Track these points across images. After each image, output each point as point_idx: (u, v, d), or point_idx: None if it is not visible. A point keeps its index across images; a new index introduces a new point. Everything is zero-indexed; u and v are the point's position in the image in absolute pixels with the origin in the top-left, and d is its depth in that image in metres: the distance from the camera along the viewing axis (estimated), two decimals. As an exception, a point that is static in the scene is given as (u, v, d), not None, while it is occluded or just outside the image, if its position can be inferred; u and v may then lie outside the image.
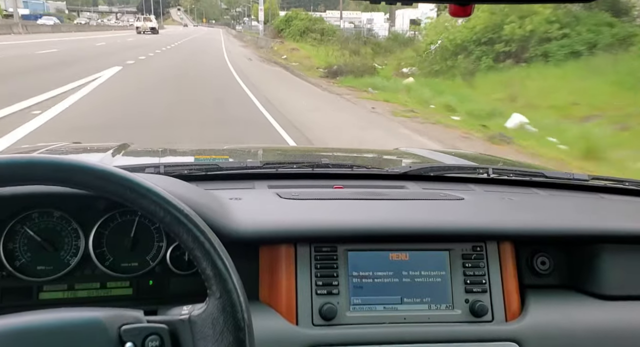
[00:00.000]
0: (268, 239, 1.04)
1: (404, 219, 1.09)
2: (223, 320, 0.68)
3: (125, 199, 0.69)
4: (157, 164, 1.27)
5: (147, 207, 0.69)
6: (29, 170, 0.66)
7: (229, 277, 0.69)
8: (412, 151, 2.08)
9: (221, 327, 0.68)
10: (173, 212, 0.69)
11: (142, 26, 53.46)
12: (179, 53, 23.61)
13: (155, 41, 33.34)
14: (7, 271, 1.00)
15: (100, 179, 0.68)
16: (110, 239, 1.05)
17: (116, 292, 1.06)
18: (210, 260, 0.69)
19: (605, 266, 1.13)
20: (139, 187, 0.69)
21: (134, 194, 0.69)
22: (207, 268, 0.69)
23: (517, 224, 1.12)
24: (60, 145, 1.82)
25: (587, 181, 1.43)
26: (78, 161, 0.68)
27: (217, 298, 0.69)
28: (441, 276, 1.06)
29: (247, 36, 44.29)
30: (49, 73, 12.43)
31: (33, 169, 0.66)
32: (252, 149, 2.21)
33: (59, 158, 0.68)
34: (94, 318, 0.67)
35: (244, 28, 70.89)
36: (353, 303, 1.03)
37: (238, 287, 0.69)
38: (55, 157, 0.68)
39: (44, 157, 0.67)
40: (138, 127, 6.96)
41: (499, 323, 1.05)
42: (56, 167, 0.67)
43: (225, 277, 0.69)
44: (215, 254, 0.69)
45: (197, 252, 0.69)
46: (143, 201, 0.69)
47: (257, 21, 51.84)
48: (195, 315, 0.69)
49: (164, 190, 0.71)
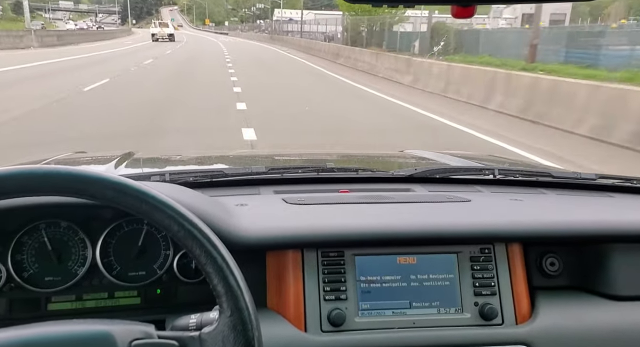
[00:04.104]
0: (275, 245, 1.03)
1: (411, 223, 1.09)
2: (234, 338, 0.68)
3: (139, 212, 0.69)
4: (163, 172, 1.28)
5: (161, 221, 0.69)
6: (46, 182, 0.66)
7: (241, 295, 0.69)
8: (417, 153, 2.07)
9: (232, 345, 0.68)
10: (187, 227, 0.69)
11: (159, 33, 48.41)
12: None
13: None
14: (15, 283, 1.01)
15: (115, 191, 0.68)
16: (117, 248, 1.05)
17: (124, 301, 1.06)
18: (223, 277, 0.69)
19: (616, 265, 1.12)
20: (153, 200, 0.69)
21: (149, 207, 0.69)
22: (218, 285, 0.69)
23: (526, 225, 1.11)
24: (66, 156, 1.83)
25: (594, 180, 1.42)
26: (93, 173, 0.68)
27: (228, 316, 0.68)
28: (450, 279, 1.05)
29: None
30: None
31: (50, 180, 0.67)
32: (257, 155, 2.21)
33: (75, 170, 0.68)
34: (104, 332, 0.66)
35: (270, 33, 49.80)
36: (361, 308, 1.02)
37: (250, 305, 0.69)
38: (71, 169, 0.68)
39: (60, 168, 0.67)
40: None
41: (509, 326, 1.04)
42: (73, 178, 0.67)
43: (237, 294, 0.69)
44: (227, 271, 0.69)
45: (210, 268, 0.69)
46: (157, 213, 0.69)
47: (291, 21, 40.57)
48: (205, 332, 0.69)
49: (178, 203, 0.70)
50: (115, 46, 35.00)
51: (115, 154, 1.61)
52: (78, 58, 22.45)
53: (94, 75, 14.51)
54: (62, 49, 29.16)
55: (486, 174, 1.46)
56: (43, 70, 16.25)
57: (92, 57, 23.10)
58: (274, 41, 42.66)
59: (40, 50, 27.38)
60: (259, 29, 63.26)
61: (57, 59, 21.27)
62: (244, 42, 48.24)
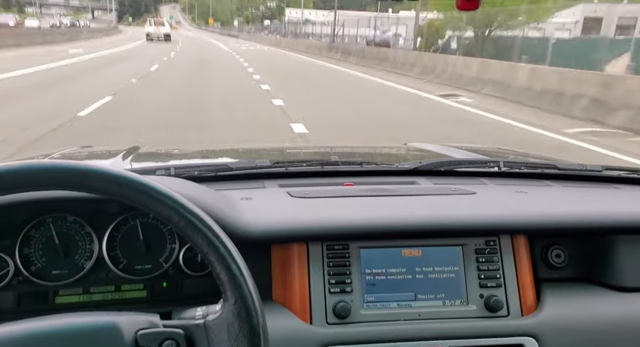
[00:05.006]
0: (280, 238, 1.04)
1: (416, 215, 1.09)
2: (238, 325, 0.68)
3: (141, 203, 0.69)
4: (168, 166, 1.28)
5: (162, 212, 0.70)
6: (46, 176, 0.67)
7: (244, 283, 0.69)
8: (422, 146, 2.07)
9: (236, 333, 0.68)
10: (188, 217, 0.69)
11: (154, 32, 44.47)
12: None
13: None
14: (23, 276, 1.01)
15: (116, 184, 0.68)
16: (124, 241, 1.05)
17: (130, 294, 1.07)
18: (225, 265, 0.69)
19: (622, 257, 1.12)
20: (153, 192, 0.69)
21: (150, 199, 0.69)
22: (221, 273, 0.69)
23: (531, 217, 1.11)
24: (72, 150, 1.83)
25: (600, 171, 1.42)
26: (94, 166, 0.68)
27: (232, 303, 0.69)
28: (455, 271, 1.05)
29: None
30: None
31: (49, 175, 0.67)
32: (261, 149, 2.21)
33: (75, 163, 0.68)
34: (110, 323, 0.67)
35: (274, 35, 45.24)
36: (367, 301, 1.02)
37: (253, 293, 0.69)
38: (71, 163, 0.68)
39: (60, 163, 0.68)
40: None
41: (515, 318, 1.04)
42: (72, 172, 0.67)
43: (240, 282, 0.69)
44: (230, 259, 0.69)
45: (212, 256, 0.69)
46: (158, 205, 0.69)
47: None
48: (210, 320, 0.69)
49: (179, 194, 0.71)
50: (59, 58, 19.36)
51: (121, 149, 1.62)
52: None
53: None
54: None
55: (491, 166, 1.45)
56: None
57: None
58: (335, 53, 25.27)
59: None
60: (269, 31, 57.90)
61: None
62: (280, 55, 28.79)
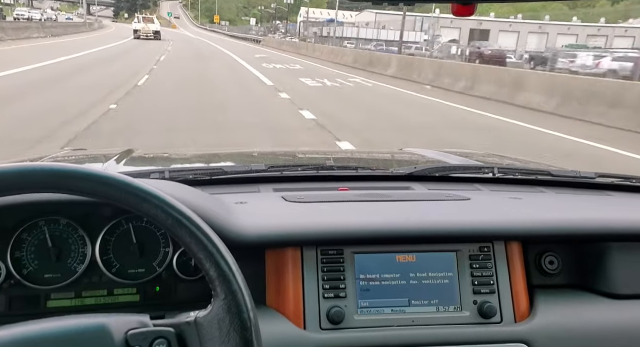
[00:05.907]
0: (274, 243, 1.04)
1: (411, 221, 1.09)
2: (229, 321, 0.68)
3: (128, 204, 0.69)
4: (163, 169, 1.28)
5: (150, 212, 0.70)
6: (31, 179, 0.66)
7: (233, 278, 0.69)
8: (417, 151, 2.07)
9: (228, 328, 0.68)
10: (175, 215, 0.69)
11: (142, 29, 41.32)
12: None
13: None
14: (15, 280, 1.01)
15: (102, 185, 0.68)
16: (117, 245, 1.05)
17: (123, 299, 1.06)
18: (214, 261, 0.69)
19: (615, 264, 1.12)
20: (139, 192, 0.69)
21: (137, 199, 0.69)
22: (210, 270, 0.69)
23: (525, 224, 1.11)
24: (66, 153, 1.83)
25: (593, 179, 1.42)
26: (79, 168, 0.68)
27: (222, 299, 0.69)
28: (449, 277, 1.05)
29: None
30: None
31: (35, 177, 0.66)
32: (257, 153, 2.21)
33: (61, 166, 0.68)
34: (100, 324, 0.67)
35: (282, 36, 40.45)
36: (361, 306, 1.02)
37: (243, 288, 0.69)
38: (57, 165, 0.68)
39: (45, 165, 0.67)
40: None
41: (509, 324, 1.04)
42: (57, 174, 0.67)
43: (229, 278, 0.69)
44: (218, 255, 0.69)
45: (201, 254, 0.69)
46: (145, 205, 0.69)
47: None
48: (201, 317, 0.69)
49: (165, 194, 0.71)
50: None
51: (115, 152, 1.61)
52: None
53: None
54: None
55: (486, 172, 1.46)
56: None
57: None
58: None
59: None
60: (284, 33, 50.18)
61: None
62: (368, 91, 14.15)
